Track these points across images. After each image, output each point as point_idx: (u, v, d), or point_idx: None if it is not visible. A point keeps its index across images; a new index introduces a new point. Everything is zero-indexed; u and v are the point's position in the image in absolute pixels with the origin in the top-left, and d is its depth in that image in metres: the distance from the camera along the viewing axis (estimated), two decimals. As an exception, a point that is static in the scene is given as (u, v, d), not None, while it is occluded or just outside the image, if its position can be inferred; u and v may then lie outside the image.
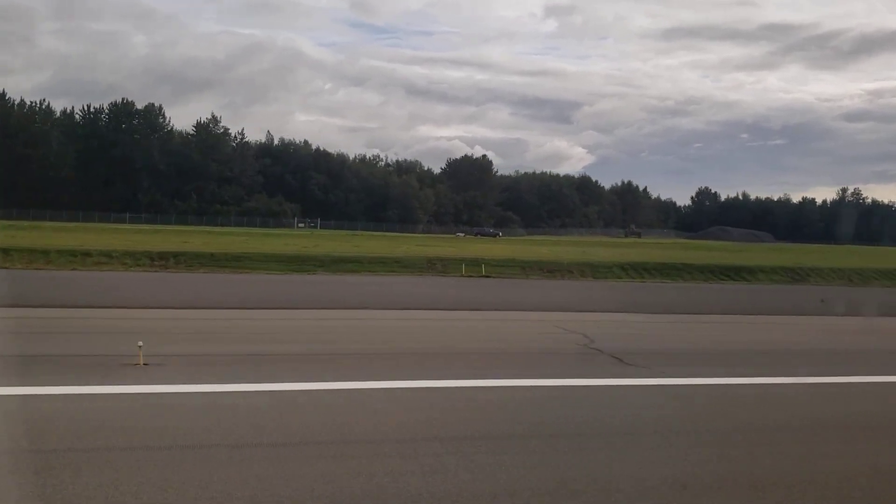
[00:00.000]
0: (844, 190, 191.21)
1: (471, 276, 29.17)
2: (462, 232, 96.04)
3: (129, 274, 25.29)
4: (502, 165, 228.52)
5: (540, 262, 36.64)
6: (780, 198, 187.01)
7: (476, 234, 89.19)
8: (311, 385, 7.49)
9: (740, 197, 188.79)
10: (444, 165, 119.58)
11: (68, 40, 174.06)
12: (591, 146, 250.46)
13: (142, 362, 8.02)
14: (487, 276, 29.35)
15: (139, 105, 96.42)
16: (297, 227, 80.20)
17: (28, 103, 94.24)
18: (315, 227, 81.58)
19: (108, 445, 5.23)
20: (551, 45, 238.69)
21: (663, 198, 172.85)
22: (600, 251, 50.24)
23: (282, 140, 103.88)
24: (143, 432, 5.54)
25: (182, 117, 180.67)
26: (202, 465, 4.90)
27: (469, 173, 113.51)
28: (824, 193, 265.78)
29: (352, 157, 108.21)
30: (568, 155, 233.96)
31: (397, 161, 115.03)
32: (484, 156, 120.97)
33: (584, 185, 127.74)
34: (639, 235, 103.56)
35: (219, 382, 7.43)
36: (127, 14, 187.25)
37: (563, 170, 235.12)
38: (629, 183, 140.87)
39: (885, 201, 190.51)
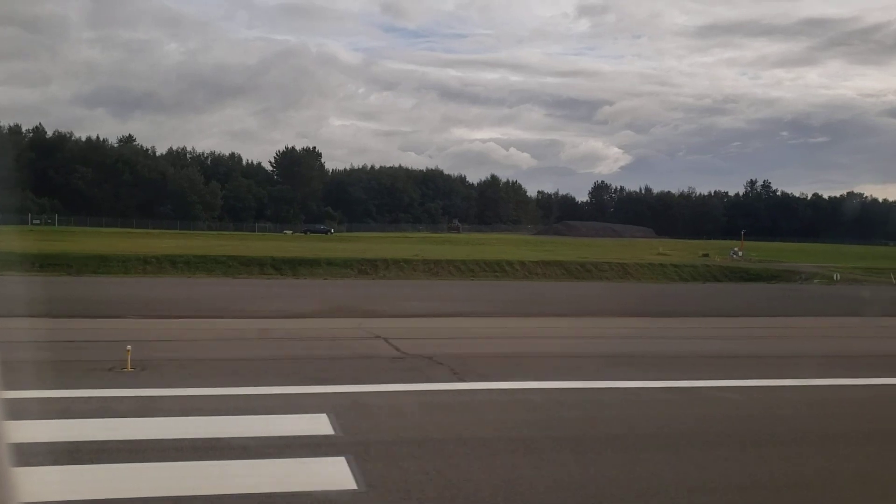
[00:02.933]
0: (753, 182, 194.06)
1: None
2: (290, 230, 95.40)
3: None
4: (537, 167, 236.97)
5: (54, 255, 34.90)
6: (682, 192, 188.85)
7: (305, 232, 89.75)
8: None
9: (641, 191, 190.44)
10: (271, 160, 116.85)
11: (103, 49, 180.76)
12: (627, 146, 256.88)
13: None
14: None
15: None
16: (32, 223, 76.61)
17: None
18: (52, 223, 78.16)
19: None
20: (585, 44, 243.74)
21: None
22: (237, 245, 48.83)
23: (56, 132, 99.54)
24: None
25: (217, 123, 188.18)
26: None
27: (294, 167, 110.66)
28: (869, 190, 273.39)
29: (148, 148, 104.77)
30: (604, 155, 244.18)
31: (204, 154, 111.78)
32: (314, 147, 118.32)
33: (429, 179, 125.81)
34: (457, 230, 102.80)
35: None
36: (161, 22, 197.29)
37: (599, 170, 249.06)
38: (493, 177, 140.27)
39: (797, 194, 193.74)
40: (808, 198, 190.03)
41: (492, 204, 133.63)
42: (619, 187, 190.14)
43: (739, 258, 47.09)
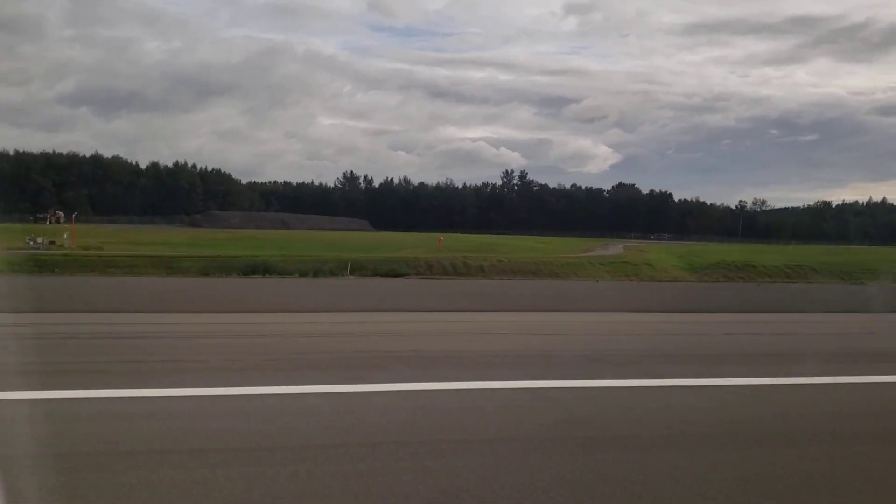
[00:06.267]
0: (509, 173, 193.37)
1: None
2: None
3: None
4: (527, 166, 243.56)
5: None
6: (438, 184, 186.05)
7: None
8: None
9: (401, 182, 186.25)
10: None
11: (83, 48, 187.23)
12: (616, 144, 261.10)
13: None
14: None
15: None
16: None
17: None
18: None
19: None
20: (573, 43, 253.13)
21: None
22: None
23: None
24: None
25: (206, 123, 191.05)
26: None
27: None
28: (859, 189, 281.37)
29: None
30: (593, 154, 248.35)
31: None
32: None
33: (73, 166, 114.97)
34: (46, 221, 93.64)
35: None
36: (141, 20, 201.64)
37: (589, 168, 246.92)
38: (179, 163, 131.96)
39: (552, 185, 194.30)
40: (568, 188, 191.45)
41: (172, 194, 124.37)
42: (371, 178, 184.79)
43: (37, 245, 40.11)
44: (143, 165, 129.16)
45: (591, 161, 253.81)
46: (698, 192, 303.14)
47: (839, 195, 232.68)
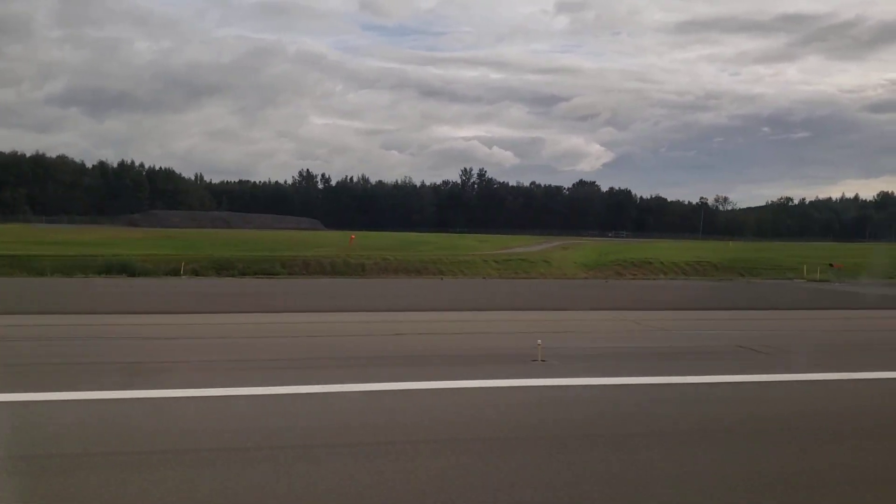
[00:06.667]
0: (468, 171, 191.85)
1: None
2: None
3: None
4: (520, 165, 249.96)
5: None
6: (395, 182, 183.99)
7: None
8: None
9: (359, 180, 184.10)
10: None
11: (73, 48, 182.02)
12: (609, 143, 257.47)
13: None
14: None
15: None
16: None
17: None
18: None
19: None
20: (565, 41, 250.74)
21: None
22: None
23: None
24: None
25: (197, 123, 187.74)
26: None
27: None
28: (853, 186, 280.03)
29: None
30: (585, 152, 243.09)
31: None
32: None
33: (13, 165, 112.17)
34: None
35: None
36: (131, 20, 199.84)
37: (582, 167, 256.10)
38: (125, 162, 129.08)
39: (513, 184, 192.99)
40: (527, 185, 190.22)
41: (117, 193, 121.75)
42: (329, 177, 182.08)
43: None
44: (98, 165, 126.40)
45: (584, 160, 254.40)
46: (691, 189, 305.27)
47: (831, 192, 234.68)
